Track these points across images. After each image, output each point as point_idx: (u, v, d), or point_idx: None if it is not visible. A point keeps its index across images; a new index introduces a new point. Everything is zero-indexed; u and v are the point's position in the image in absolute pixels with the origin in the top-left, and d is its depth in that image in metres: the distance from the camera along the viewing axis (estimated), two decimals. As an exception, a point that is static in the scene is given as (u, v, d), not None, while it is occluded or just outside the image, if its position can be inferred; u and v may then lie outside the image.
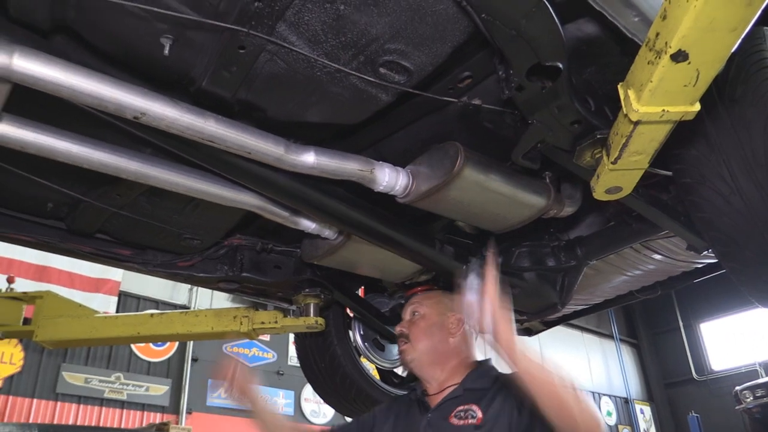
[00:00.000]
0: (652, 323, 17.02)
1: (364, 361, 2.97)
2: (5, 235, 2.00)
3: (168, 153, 1.59)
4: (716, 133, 1.55)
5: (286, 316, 2.59)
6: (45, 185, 1.76)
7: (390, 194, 1.74)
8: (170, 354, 8.65)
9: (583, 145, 1.56)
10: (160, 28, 1.29)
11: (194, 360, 8.81)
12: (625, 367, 16.06)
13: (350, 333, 2.93)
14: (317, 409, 9.67)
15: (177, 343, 8.59)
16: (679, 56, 1.09)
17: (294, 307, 2.70)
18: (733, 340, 15.27)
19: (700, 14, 1.01)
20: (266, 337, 9.25)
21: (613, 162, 1.44)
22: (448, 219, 2.18)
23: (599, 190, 1.59)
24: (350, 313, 2.93)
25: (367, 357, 2.90)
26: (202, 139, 1.40)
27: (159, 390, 8.34)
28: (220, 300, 8.98)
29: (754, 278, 1.76)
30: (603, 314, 15.37)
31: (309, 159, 1.55)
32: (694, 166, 1.61)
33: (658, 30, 1.10)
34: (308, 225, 1.99)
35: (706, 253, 2.16)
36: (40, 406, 7.26)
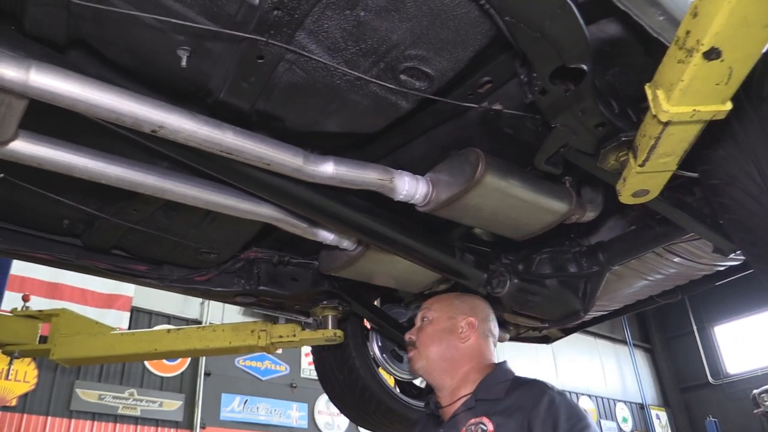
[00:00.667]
0: (666, 327, 16.89)
1: (382, 372, 2.94)
2: (22, 254, 1.99)
3: (185, 166, 1.57)
4: (744, 132, 1.50)
5: (303, 329, 2.56)
6: (61, 202, 1.74)
7: (410, 203, 1.71)
8: (183, 369, 8.66)
9: (607, 148, 1.52)
10: (177, 40, 1.28)
11: (207, 374, 8.81)
12: (640, 373, 15.93)
13: (368, 344, 2.90)
14: (331, 421, 9.62)
15: (189, 358, 8.58)
16: (712, 54, 1.05)
17: (310, 320, 2.68)
18: (749, 343, 15.10)
19: (734, 10, 0.98)
20: (279, 349, 9.22)
21: (641, 164, 1.40)
22: (467, 227, 2.16)
23: (626, 194, 1.55)
24: (367, 325, 2.90)
25: (386, 368, 2.88)
26: (221, 152, 1.38)
27: (173, 405, 8.33)
28: (232, 313, 8.99)
29: (786, 279, 1.71)
30: (616, 319, 15.21)
31: (328, 169, 1.53)
32: (722, 166, 1.57)
33: (688, 28, 1.07)
34: (327, 236, 1.96)
35: (732, 255, 2.12)
36: (55, 423, 7.27)
